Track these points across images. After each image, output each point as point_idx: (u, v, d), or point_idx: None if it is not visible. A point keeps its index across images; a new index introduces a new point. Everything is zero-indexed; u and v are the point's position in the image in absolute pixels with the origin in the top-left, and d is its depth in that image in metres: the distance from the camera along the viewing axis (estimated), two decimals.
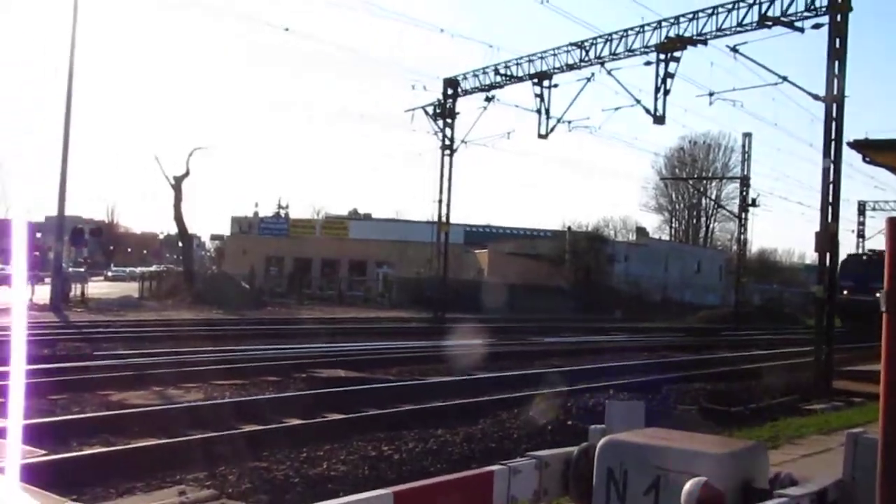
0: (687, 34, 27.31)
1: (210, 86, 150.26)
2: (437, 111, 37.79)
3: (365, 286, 58.44)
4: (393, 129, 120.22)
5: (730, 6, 25.86)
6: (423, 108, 38.02)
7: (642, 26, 28.80)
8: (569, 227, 68.51)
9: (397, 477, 7.95)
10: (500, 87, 35.44)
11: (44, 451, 7.84)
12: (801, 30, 22.92)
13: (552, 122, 33.24)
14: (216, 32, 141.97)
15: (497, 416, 11.43)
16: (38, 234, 53.71)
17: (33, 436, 8.21)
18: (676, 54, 27.68)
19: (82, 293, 37.25)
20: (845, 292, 41.12)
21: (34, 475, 6.53)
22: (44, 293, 32.66)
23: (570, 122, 33.24)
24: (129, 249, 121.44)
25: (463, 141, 38.01)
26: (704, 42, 27.01)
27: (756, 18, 24.96)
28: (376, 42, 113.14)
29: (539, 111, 33.33)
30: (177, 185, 43.02)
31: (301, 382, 14.33)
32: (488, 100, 36.03)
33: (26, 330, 18.71)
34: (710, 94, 28.73)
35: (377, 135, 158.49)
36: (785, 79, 23.93)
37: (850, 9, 19.04)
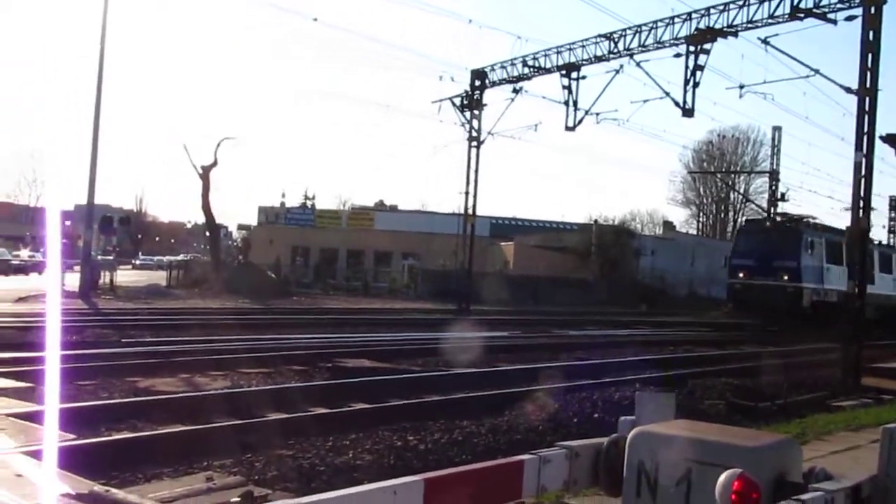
0: (717, 26, 27.09)
1: (238, 75, 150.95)
2: (465, 102, 37.75)
3: (390, 277, 58.53)
4: (420, 121, 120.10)
5: None
6: (451, 99, 38.02)
7: (672, 18, 28.61)
8: (595, 221, 68.25)
9: (423, 467, 7.94)
10: (528, 78, 35.35)
11: (73, 436, 7.90)
12: (834, 21, 22.66)
13: (580, 115, 33.12)
14: (245, 21, 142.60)
15: (522, 408, 11.40)
16: (68, 223, 54.21)
17: (62, 420, 8.27)
18: (706, 46, 27.47)
19: (111, 281, 37.58)
20: (741, 275, 33.90)
21: (64, 459, 6.59)
22: (73, 280, 33.03)
23: (597, 115, 33.11)
24: (157, 238, 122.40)
25: (490, 133, 37.98)
26: (735, 34, 26.78)
27: (788, 10, 24.71)
28: (404, 33, 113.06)
29: (567, 103, 33.22)
30: (205, 174, 43.20)
31: (327, 372, 14.36)
32: (516, 91, 35.96)
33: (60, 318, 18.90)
34: (741, 87, 28.53)
35: (404, 126, 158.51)
36: (817, 71, 23.75)
37: (885, 0, 18.80)
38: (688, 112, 28.12)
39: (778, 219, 36.65)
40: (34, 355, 13.02)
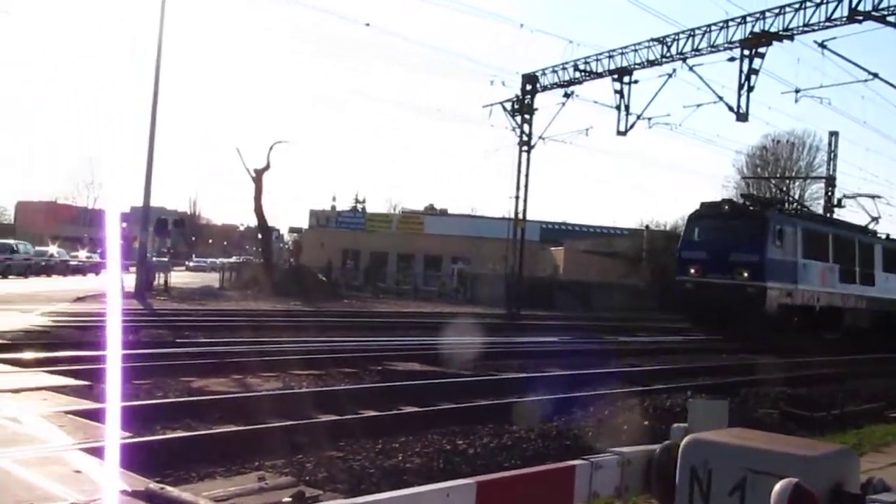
0: (773, 29, 26.80)
1: (290, 79, 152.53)
2: (516, 107, 37.80)
3: (440, 281, 58.68)
4: (470, 125, 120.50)
5: (818, 0, 25.24)
6: (502, 103, 38.10)
7: (726, 21, 28.38)
8: (646, 226, 67.64)
9: (472, 471, 7.93)
10: (579, 82, 35.29)
11: (129, 434, 8.03)
12: (894, 24, 22.24)
13: (632, 119, 33.06)
14: (297, 26, 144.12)
15: (572, 413, 11.35)
16: (124, 224, 55.32)
17: (119, 418, 8.42)
18: (761, 50, 27.20)
19: (165, 282, 38.25)
20: (692, 272, 27.75)
21: (119, 456, 6.72)
22: (129, 281, 33.67)
23: (649, 119, 32.98)
24: (211, 241, 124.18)
25: (541, 137, 37.97)
26: (791, 37, 26.47)
27: (846, 13, 24.34)
28: (455, 37, 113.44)
29: (618, 107, 33.13)
30: (257, 178, 43.68)
31: (377, 375, 14.43)
32: (567, 96, 35.93)
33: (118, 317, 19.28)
34: (796, 91, 28.21)
35: (454, 130, 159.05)
36: (875, 75, 23.40)
37: None
38: (742, 117, 27.84)
39: (740, 201, 29.38)
40: (92, 354, 13.31)
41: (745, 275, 25.76)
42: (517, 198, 37.93)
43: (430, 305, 41.91)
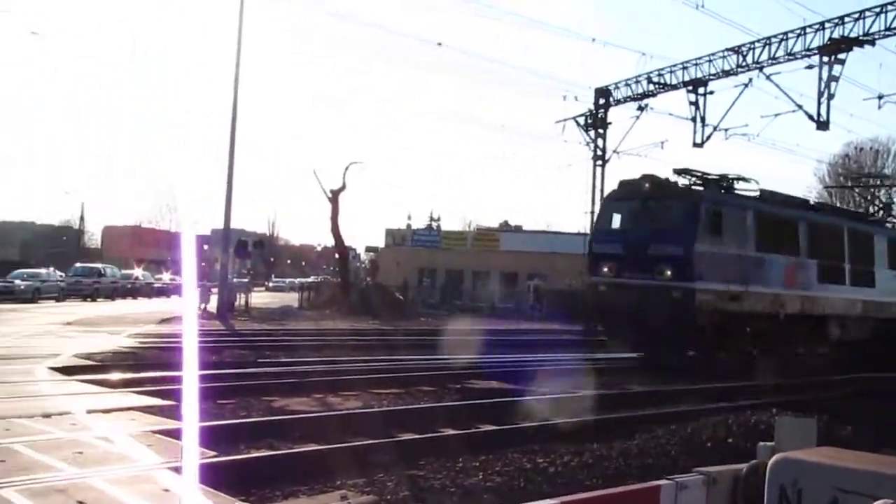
0: (853, 35, 26.23)
1: (363, 99, 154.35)
2: (589, 121, 37.62)
3: (515, 298, 58.50)
4: (543, 141, 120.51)
5: None
6: (575, 118, 38.01)
7: (804, 28, 27.85)
8: None
9: (553, 490, 7.88)
10: (653, 95, 35.00)
11: (214, 453, 8.19)
12: None
13: (708, 130, 32.58)
14: (368, 47, 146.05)
15: (653, 431, 11.18)
16: (206, 247, 56.68)
17: (204, 437, 8.61)
18: (841, 56, 26.62)
19: (246, 303, 38.97)
20: (605, 270, 21.20)
21: (206, 476, 6.88)
22: (212, 302, 34.44)
23: (726, 130, 32.47)
24: (289, 261, 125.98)
25: (615, 151, 37.69)
26: (872, 42, 25.87)
27: None
28: (527, 53, 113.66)
29: (694, 119, 32.73)
30: (334, 198, 44.24)
31: (455, 393, 14.45)
32: (641, 109, 35.65)
33: (198, 338, 19.72)
34: (879, 98, 27.58)
35: (527, 146, 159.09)
36: None
37: None
38: (822, 125, 27.23)
39: (673, 178, 21.62)
40: (177, 374, 13.62)
41: (668, 273, 19.62)
42: (592, 213, 37.66)
43: (507, 323, 41.78)
